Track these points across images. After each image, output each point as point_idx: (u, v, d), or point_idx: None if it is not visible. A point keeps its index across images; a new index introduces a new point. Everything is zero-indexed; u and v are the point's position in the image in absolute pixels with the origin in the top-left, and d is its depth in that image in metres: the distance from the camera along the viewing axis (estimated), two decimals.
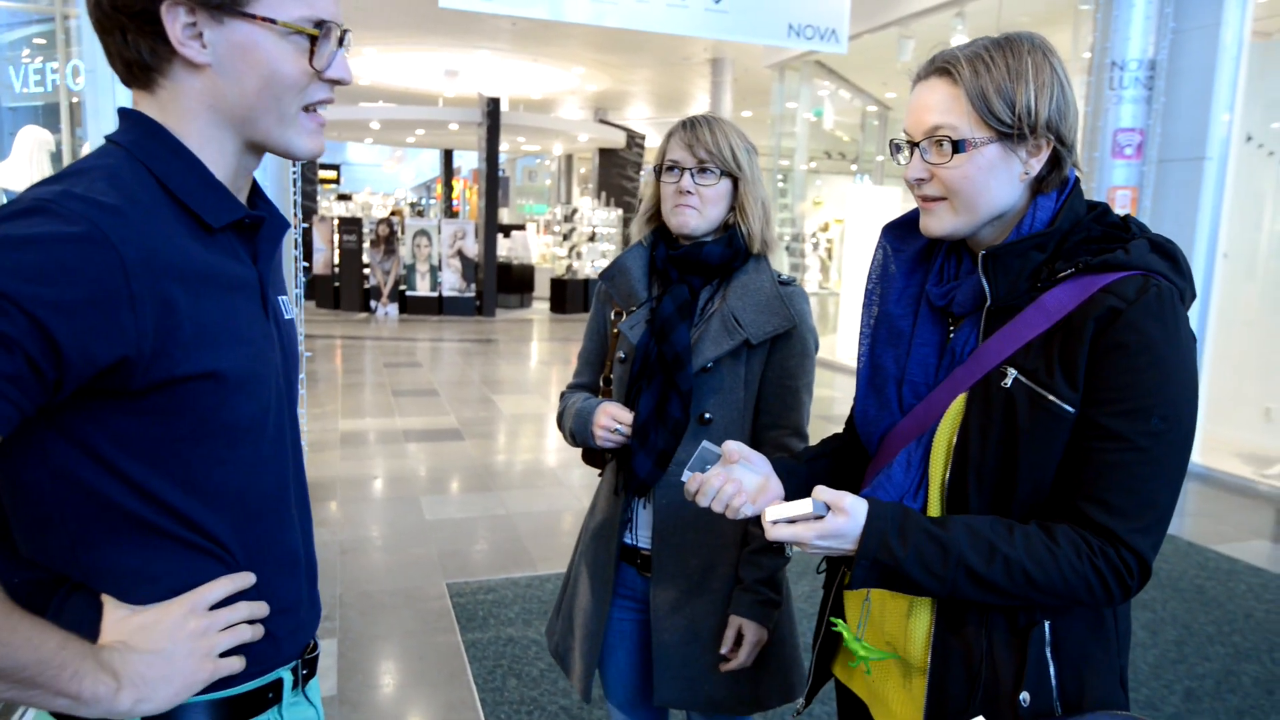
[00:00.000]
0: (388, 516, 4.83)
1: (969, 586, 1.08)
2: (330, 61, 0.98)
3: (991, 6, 8.98)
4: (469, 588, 3.86)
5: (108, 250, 0.81)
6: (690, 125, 1.67)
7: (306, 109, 1.00)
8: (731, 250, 1.68)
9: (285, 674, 1.05)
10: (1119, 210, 6.13)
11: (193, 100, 0.94)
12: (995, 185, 1.13)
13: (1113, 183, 6.20)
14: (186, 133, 0.95)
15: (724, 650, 1.65)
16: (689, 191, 1.64)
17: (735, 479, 1.23)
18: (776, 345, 1.67)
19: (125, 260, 0.82)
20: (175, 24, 0.90)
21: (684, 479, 1.28)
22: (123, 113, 0.96)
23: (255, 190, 1.08)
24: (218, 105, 0.95)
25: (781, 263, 12.34)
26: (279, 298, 1.10)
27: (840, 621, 1.23)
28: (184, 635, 0.92)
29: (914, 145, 1.16)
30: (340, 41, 0.99)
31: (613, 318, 1.80)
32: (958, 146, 1.11)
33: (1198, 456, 6.22)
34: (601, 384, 1.83)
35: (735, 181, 1.67)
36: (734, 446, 1.27)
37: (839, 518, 1.09)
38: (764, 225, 1.70)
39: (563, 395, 1.89)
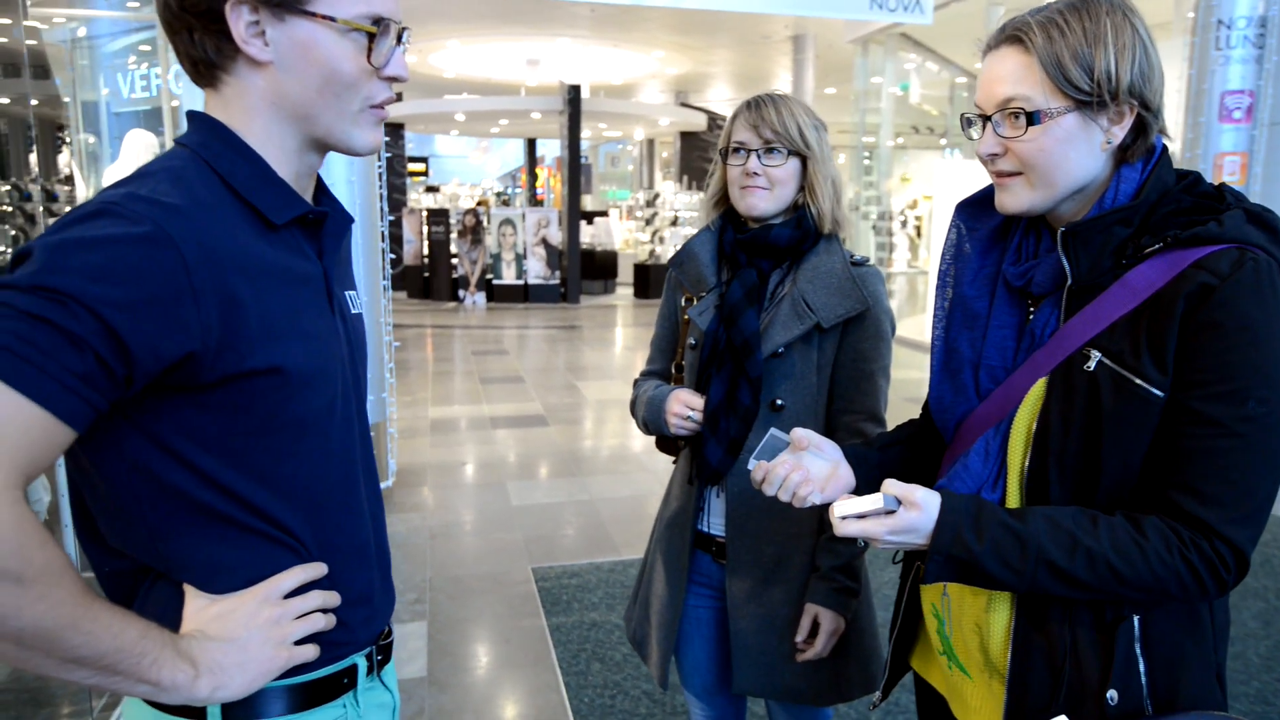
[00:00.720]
0: (476, 502, 4.94)
1: (1049, 581, 1.03)
2: (389, 59, 1.00)
3: None
4: (554, 572, 3.91)
5: (170, 249, 0.84)
6: (755, 105, 1.63)
7: (372, 107, 1.02)
8: (801, 231, 1.64)
9: (360, 660, 1.08)
10: (1227, 178, 5.85)
11: (256, 98, 0.97)
12: (1074, 157, 1.06)
13: (1220, 148, 5.86)
14: (250, 130, 0.98)
15: (799, 639, 1.63)
16: (756, 173, 1.61)
17: (802, 467, 1.21)
18: (850, 328, 1.62)
19: (187, 258, 0.85)
20: (239, 22, 0.92)
21: (750, 466, 1.26)
22: (190, 115, 1.00)
23: (320, 186, 1.11)
24: (280, 103, 0.97)
25: (868, 241, 12.07)
26: (346, 292, 1.12)
27: (939, 617, 1.21)
28: (259, 624, 0.94)
29: (986, 119, 1.10)
30: (399, 39, 1.00)
31: (683, 304, 1.78)
32: (1032, 118, 1.05)
33: None
34: (674, 371, 1.82)
35: (804, 160, 1.63)
36: (802, 434, 1.24)
37: (911, 512, 1.05)
38: (834, 204, 1.65)
39: (636, 383, 1.88)
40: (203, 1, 0.91)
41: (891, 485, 1.08)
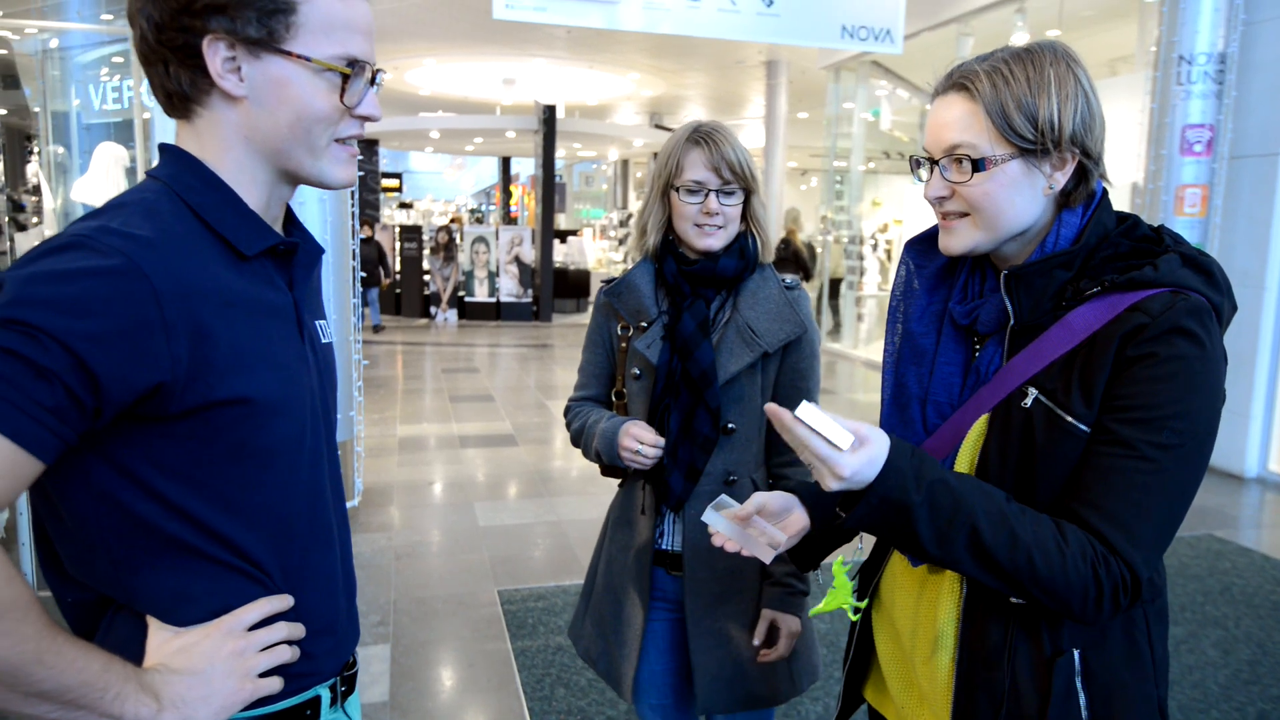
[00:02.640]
0: (442, 522, 4.90)
1: (966, 552, 1.01)
2: (361, 99, 1.01)
3: (1053, 1, 8.76)
4: (519, 595, 3.89)
5: (141, 281, 0.85)
6: (709, 141, 1.65)
7: (337, 141, 1.03)
8: (744, 262, 1.69)
9: (323, 691, 1.07)
10: (1188, 210, 5.97)
11: (229, 131, 0.98)
12: (1018, 201, 1.10)
13: (1181, 181, 6.00)
14: (222, 163, 0.99)
15: (756, 642, 1.68)
16: (716, 213, 1.64)
17: (748, 535, 1.27)
18: (789, 350, 1.69)
19: (158, 290, 0.86)
20: (215, 58, 0.93)
21: (705, 522, 1.31)
22: (162, 148, 1.00)
23: (290, 217, 1.11)
24: (252, 137, 0.98)
25: (839, 265, 12.22)
26: (316, 322, 1.13)
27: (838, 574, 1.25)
28: (223, 656, 0.94)
29: (934, 162, 1.13)
30: (372, 80, 1.02)
31: (619, 332, 1.80)
32: (977, 165, 1.08)
33: (1275, 465, 5.98)
34: (614, 398, 1.84)
35: (748, 194, 1.68)
36: (752, 507, 1.27)
37: (863, 450, 0.99)
38: (769, 233, 1.73)
39: (568, 409, 1.90)
40: (179, 36, 0.92)
41: (843, 422, 1.01)
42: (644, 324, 1.74)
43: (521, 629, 3.56)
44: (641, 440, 1.66)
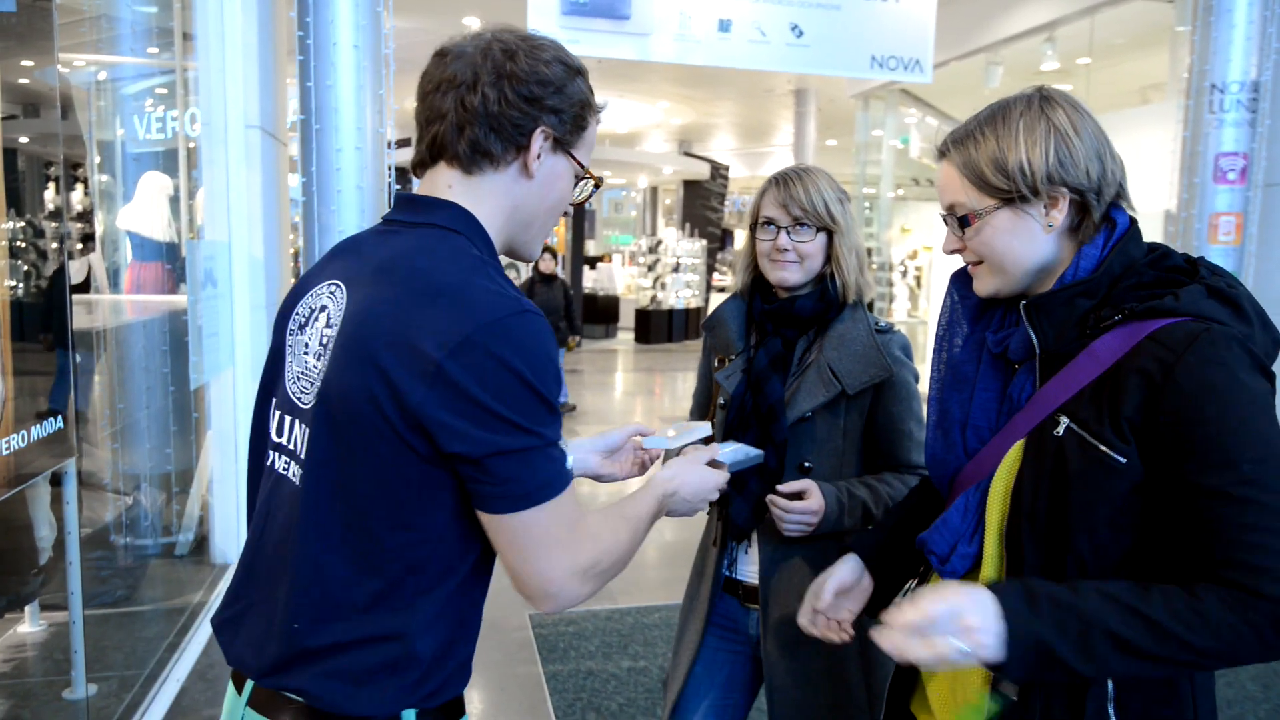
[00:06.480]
0: None
1: (1116, 655, 0.99)
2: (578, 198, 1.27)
3: (1083, 29, 8.77)
4: (551, 619, 3.92)
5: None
6: (783, 182, 1.71)
7: None
8: (824, 303, 1.72)
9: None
10: (1223, 238, 5.93)
11: (506, 200, 1.18)
12: (1017, 245, 1.17)
13: (1215, 209, 5.96)
14: (492, 221, 1.18)
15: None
16: (785, 249, 1.69)
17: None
18: (880, 392, 1.70)
19: None
20: (537, 143, 1.15)
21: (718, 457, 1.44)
22: (445, 204, 1.16)
23: None
24: (519, 208, 1.19)
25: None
26: None
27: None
28: (710, 483, 1.38)
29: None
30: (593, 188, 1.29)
31: (715, 365, 1.87)
32: (963, 220, 1.19)
33: None
34: None
35: (830, 234, 1.71)
36: (829, 596, 1.38)
37: (953, 598, 1.01)
38: (858, 274, 1.73)
39: None
40: (516, 115, 1.12)
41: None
42: (732, 356, 1.81)
43: (553, 653, 3.58)
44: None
